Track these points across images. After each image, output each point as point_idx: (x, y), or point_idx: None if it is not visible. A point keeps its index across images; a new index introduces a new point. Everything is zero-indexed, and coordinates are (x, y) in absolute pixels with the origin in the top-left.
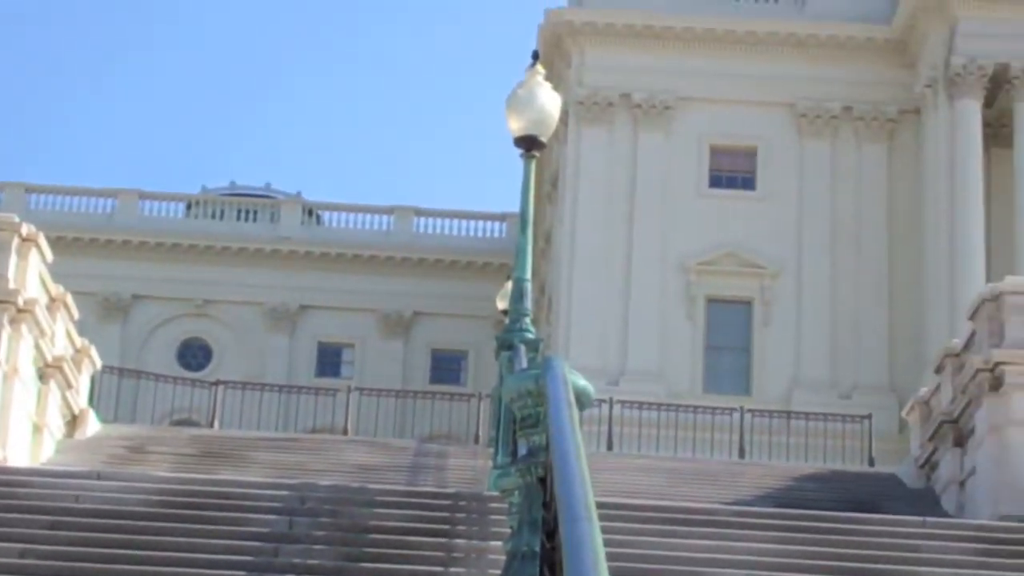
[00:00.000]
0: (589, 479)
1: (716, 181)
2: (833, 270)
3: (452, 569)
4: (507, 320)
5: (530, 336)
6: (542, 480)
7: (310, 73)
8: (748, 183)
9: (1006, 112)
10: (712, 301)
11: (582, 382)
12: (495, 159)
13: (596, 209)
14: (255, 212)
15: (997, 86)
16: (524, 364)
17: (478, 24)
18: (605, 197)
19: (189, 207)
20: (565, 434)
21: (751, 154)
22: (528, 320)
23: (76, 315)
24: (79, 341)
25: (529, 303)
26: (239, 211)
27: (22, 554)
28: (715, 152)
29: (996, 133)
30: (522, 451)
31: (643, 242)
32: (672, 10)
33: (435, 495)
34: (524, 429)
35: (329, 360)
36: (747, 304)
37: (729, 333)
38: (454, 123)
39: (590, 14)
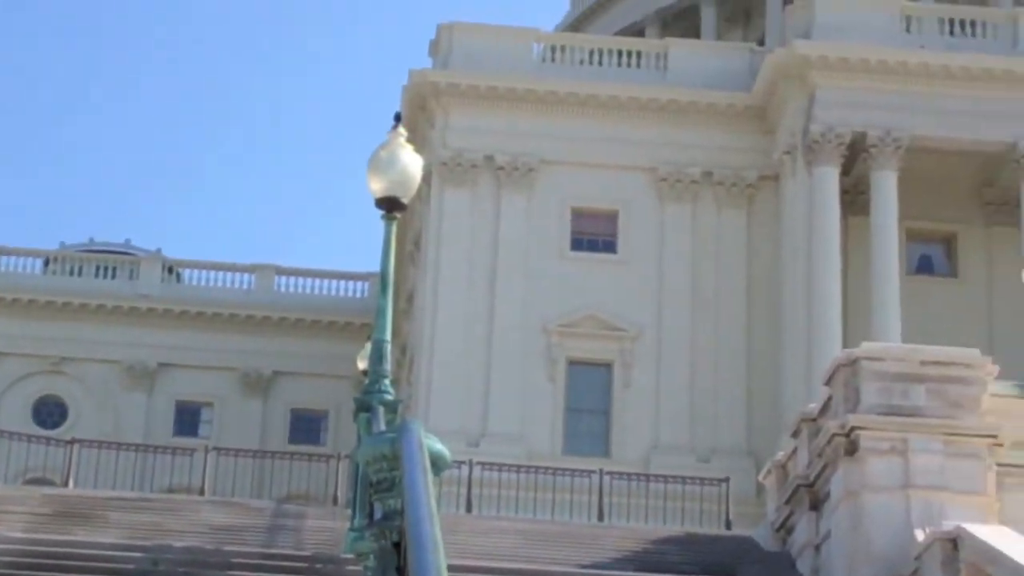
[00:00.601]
0: (442, 545)
1: (578, 244)
2: (693, 334)
3: None
4: (366, 381)
5: (389, 398)
6: (396, 545)
7: (172, 130)
8: (609, 246)
9: (863, 180)
10: (573, 363)
11: (438, 446)
12: (358, 219)
13: (458, 270)
14: (114, 269)
15: (854, 154)
16: (382, 426)
17: (343, 83)
18: (468, 259)
19: (47, 263)
20: (419, 499)
21: (612, 217)
22: (387, 381)
23: None
24: None
25: (389, 364)
26: (98, 268)
27: None
28: (577, 215)
29: (853, 200)
30: (378, 515)
31: (505, 304)
32: (535, 74)
33: (291, 557)
34: (379, 493)
35: (187, 419)
36: (607, 366)
37: (589, 395)
38: (317, 182)
39: (454, 76)
